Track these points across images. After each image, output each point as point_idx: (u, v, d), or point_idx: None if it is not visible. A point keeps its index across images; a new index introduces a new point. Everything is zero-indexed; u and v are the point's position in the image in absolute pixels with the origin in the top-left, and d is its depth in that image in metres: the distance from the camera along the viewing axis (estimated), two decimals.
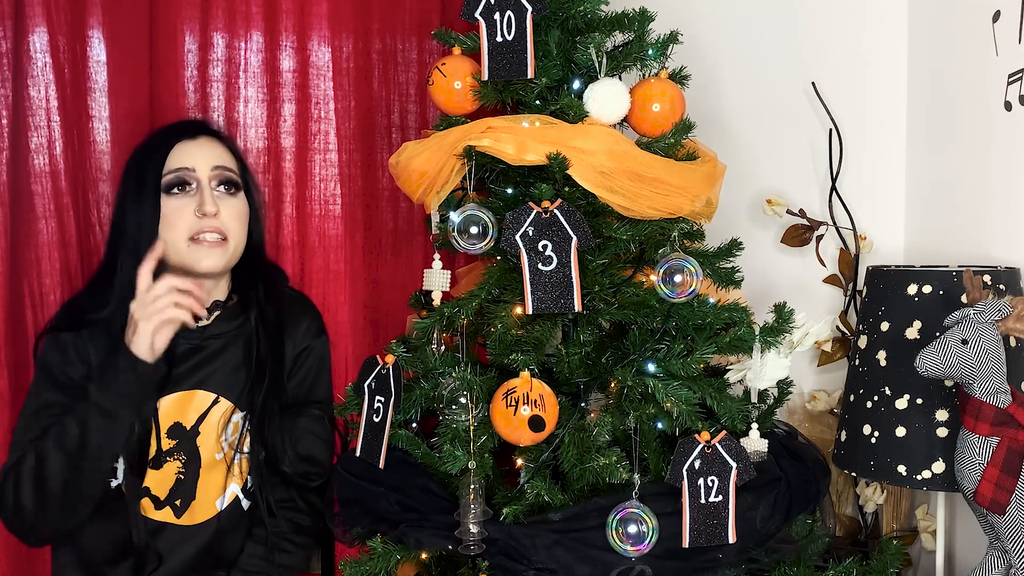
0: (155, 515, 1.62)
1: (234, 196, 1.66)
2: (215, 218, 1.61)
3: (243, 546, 1.67)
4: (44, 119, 1.80)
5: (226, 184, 1.65)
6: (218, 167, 1.64)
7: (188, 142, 1.65)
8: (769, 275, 2.04)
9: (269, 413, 1.66)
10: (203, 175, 1.62)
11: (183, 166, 1.62)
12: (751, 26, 2.10)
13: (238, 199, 1.67)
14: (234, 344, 1.68)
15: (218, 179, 1.64)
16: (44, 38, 1.79)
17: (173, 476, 1.63)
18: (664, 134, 1.51)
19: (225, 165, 1.66)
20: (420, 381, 1.53)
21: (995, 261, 1.69)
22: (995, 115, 1.71)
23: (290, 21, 1.98)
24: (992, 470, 1.40)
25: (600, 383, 1.47)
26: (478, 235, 1.45)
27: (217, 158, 1.65)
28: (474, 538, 1.37)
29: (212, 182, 1.63)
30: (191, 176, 1.62)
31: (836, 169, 2.01)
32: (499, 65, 1.47)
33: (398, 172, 1.57)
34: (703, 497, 1.37)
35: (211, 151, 1.66)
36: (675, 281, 1.44)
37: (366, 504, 1.49)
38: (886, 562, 1.51)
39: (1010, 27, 1.67)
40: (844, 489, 2.02)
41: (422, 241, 2.10)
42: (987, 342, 1.39)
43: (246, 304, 1.70)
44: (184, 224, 1.60)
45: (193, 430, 1.64)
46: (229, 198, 1.65)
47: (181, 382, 1.65)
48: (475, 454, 1.42)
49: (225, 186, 1.65)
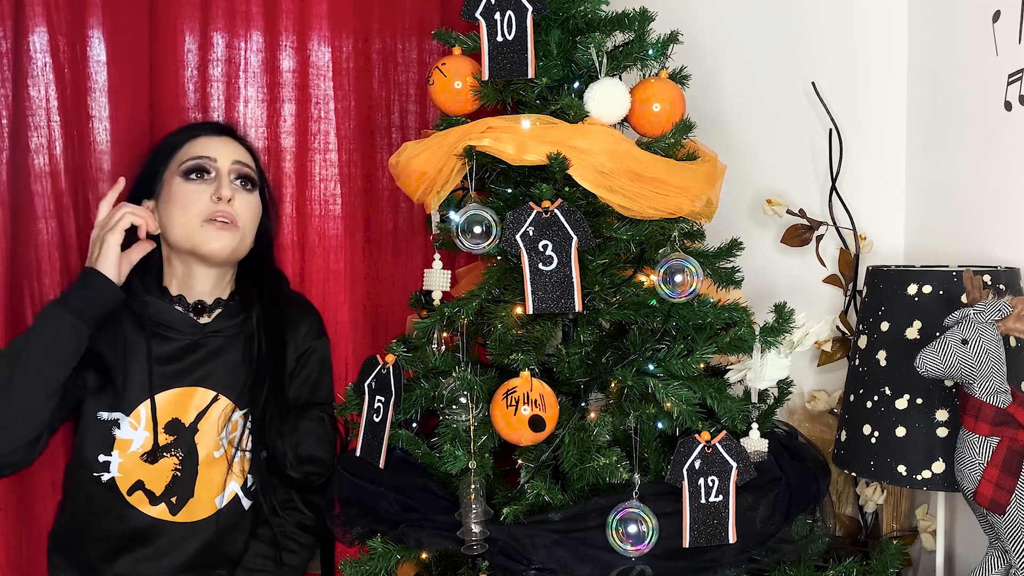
0: (150, 511, 1.62)
1: (250, 192, 1.72)
2: (229, 204, 1.66)
3: (247, 545, 1.68)
4: (44, 119, 1.80)
5: (243, 179, 1.71)
6: (238, 161, 1.71)
7: (213, 137, 1.72)
8: (769, 275, 2.04)
9: (270, 412, 1.66)
10: (223, 166, 1.69)
11: (205, 155, 1.68)
12: (751, 26, 2.10)
13: (253, 196, 1.72)
14: (234, 342, 1.69)
15: (237, 173, 1.70)
16: (44, 38, 1.79)
17: (169, 472, 1.63)
18: (664, 134, 1.51)
19: (245, 161, 1.72)
20: (420, 381, 1.53)
21: (995, 261, 1.69)
22: (995, 115, 1.71)
23: (290, 21, 1.98)
24: (992, 470, 1.40)
25: (600, 383, 1.47)
26: (481, 234, 1.45)
27: (238, 153, 1.72)
28: (475, 538, 1.37)
29: (231, 175, 1.69)
30: (211, 165, 1.68)
31: (836, 169, 2.01)
32: (499, 65, 1.47)
33: (398, 172, 1.57)
34: (703, 497, 1.37)
35: (234, 148, 1.72)
36: (675, 281, 1.44)
37: (366, 504, 1.49)
38: (886, 562, 1.51)
39: (1010, 27, 1.67)
40: (844, 489, 2.02)
41: (422, 241, 2.10)
42: (987, 342, 1.39)
43: (247, 302, 1.71)
44: (200, 207, 1.65)
45: (192, 427, 1.64)
46: (245, 192, 1.71)
47: (180, 378, 1.65)
48: (475, 454, 1.42)
49: (242, 180, 1.71)
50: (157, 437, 1.62)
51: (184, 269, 1.70)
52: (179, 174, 1.67)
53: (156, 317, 1.66)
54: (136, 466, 1.62)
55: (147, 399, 1.63)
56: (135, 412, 1.63)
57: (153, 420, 1.62)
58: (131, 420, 1.63)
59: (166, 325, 1.67)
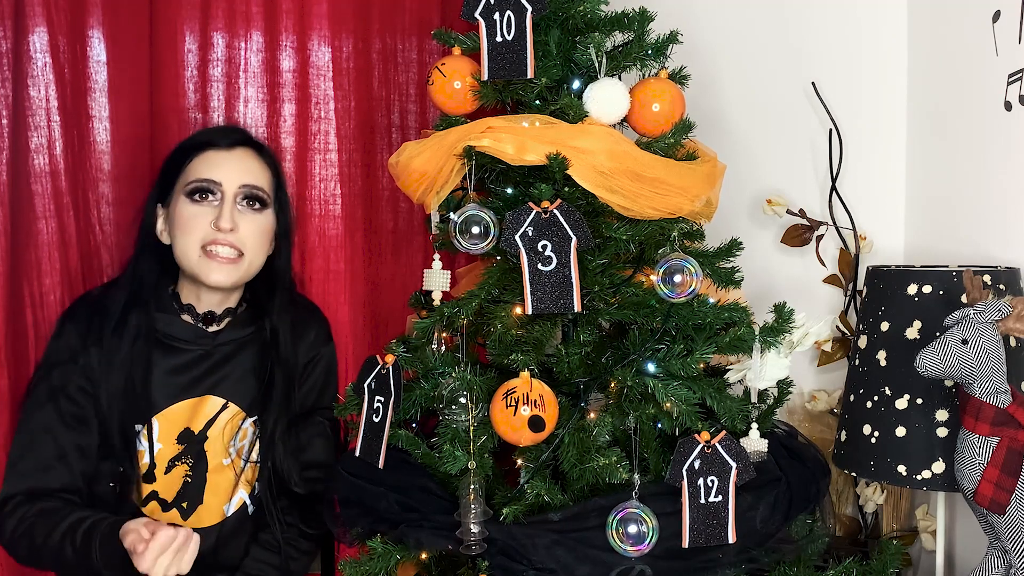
0: (163, 517, 1.62)
1: (258, 212, 1.65)
2: (231, 234, 1.60)
3: (247, 550, 1.67)
4: (44, 119, 1.80)
5: (251, 199, 1.64)
6: (246, 184, 1.63)
7: (221, 151, 1.64)
8: (769, 275, 2.04)
9: (279, 424, 1.66)
10: (228, 189, 1.61)
11: (209, 178, 1.61)
12: (751, 26, 2.10)
13: (263, 216, 1.65)
14: (244, 351, 1.68)
15: (244, 195, 1.63)
16: (44, 38, 1.78)
17: (181, 479, 1.63)
18: (664, 134, 1.51)
19: (254, 184, 1.64)
20: (420, 381, 1.53)
21: (995, 261, 1.69)
22: (995, 115, 1.71)
23: (290, 21, 1.98)
24: (992, 470, 1.40)
25: (600, 383, 1.47)
26: (480, 235, 1.45)
27: (248, 174, 1.64)
28: (475, 538, 1.37)
29: (237, 197, 1.62)
30: (216, 188, 1.61)
31: (836, 169, 2.01)
32: (499, 65, 1.47)
33: (398, 172, 1.57)
34: (703, 497, 1.37)
35: (243, 165, 1.64)
36: (675, 281, 1.44)
37: (366, 504, 1.48)
38: (886, 562, 1.51)
39: (1010, 27, 1.66)
40: (844, 489, 2.02)
41: (422, 241, 2.10)
42: (987, 342, 1.39)
43: (257, 312, 1.70)
44: (199, 232, 1.60)
45: (201, 434, 1.64)
46: (252, 213, 1.64)
47: (191, 389, 1.65)
48: (475, 454, 1.42)
49: (250, 201, 1.63)
50: (152, 456, 1.62)
51: (192, 286, 1.67)
52: (184, 193, 1.61)
53: (167, 330, 1.65)
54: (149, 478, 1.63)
55: (156, 413, 1.63)
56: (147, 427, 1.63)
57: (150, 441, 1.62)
58: (144, 433, 1.63)
59: (177, 338, 1.65)
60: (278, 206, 1.70)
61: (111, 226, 1.85)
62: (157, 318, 1.64)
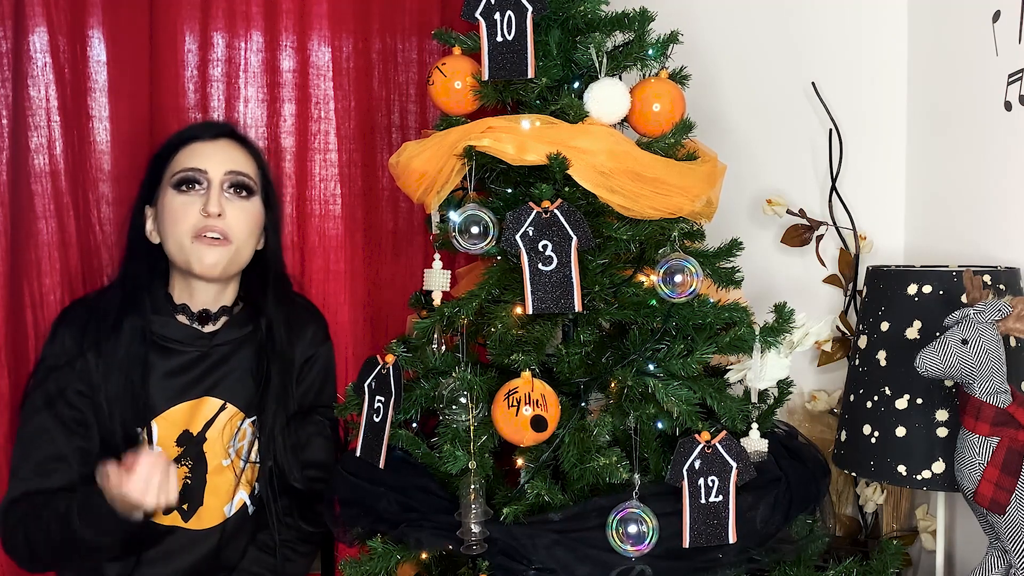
0: (164, 520, 1.61)
1: (245, 200, 1.65)
2: (219, 219, 1.60)
3: (245, 551, 1.67)
4: (44, 119, 1.80)
5: (238, 187, 1.64)
6: (232, 171, 1.63)
7: (205, 143, 1.64)
8: (769, 275, 2.04)
9: (278, 421, 1.66)
10: (215, 176, 1.62)
11: (193, 166, 1.61)
12: (751, 26, 2.10)
13: (250, 203, 1.65)
14: (241, 351, 1.68)
15: (230, 182, 1.63)
16: (44, 38, 1.78)
17: (180, 481, 1.63)
18: (664, 134, 1.51)
19: (240, 170, 1.64)
20: (420, 381, 1.52)
21: (995, 261, 1.69)
22: (995, 115, 1.71)
23: (290, 21, 1.98)
24: (992, 470, 1.40)
25: (600, 383, 1.47)
26: (479, 235, 1.45)
27: (232, 162, 1.65)
28: (475, 538, 1.37)
29: (224, 184, 1.63)
30: (202, 176, 1.61)
31: (836, 169, 2.01)
32: (499, 65, 1.47)
33: (398, 172, 1.57)
34: (703, 497, 1.37)
35: (228, 154, 1.65)
36: (675, 281, 1.44)
37: (366, 504, 1.48)
38: (886, 562, 1.51)
39: (1010, 27, 1.67)
40: (844, 489, 2.02)
41: (422, 241, 2.10)
42: (987, 342, 1.40)
43: (254, 311, 1.70)
44: (189, 221, 1.60)
45: (200, 436, 1.64)
46: (239, 201, 1.64)
47: (189, 391, 1.64)
48: (475, 454, 1.42)
49: (236, 189, 1.64)
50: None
51: (184, 282, 1.67)
52: (171, 185, 1.62)
53: (162, 332, 1.64)
54: None
55: (155, 416, 1.62)
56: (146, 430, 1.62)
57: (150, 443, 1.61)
58: (143, 436, 1.62)
59: (173, 339, 1.65)
60: (265, 197, 1.70)
61: (111, 226, 1.85)
62: (152, 320, 1.63)
